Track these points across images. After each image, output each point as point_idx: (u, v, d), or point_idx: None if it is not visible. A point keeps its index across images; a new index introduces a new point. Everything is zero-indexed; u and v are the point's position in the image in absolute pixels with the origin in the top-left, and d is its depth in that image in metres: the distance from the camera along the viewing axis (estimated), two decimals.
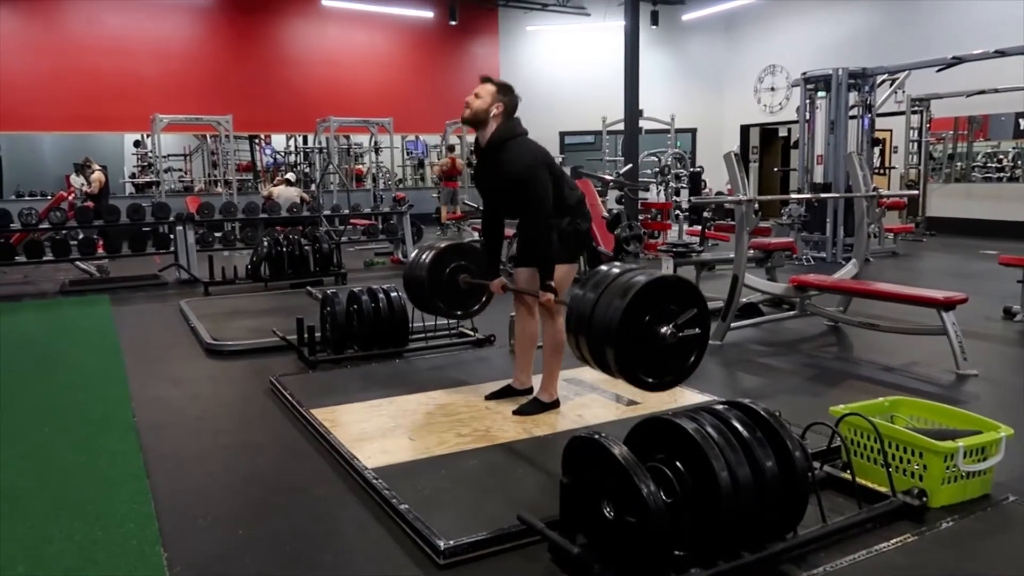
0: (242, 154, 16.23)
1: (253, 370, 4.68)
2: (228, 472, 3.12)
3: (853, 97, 9.36)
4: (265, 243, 7.81)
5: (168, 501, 2.80)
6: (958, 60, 8.18)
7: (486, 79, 3.49)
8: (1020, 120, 12.42)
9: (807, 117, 9.63)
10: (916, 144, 12.19)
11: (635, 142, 10.45)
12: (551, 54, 16.79)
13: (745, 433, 2.25)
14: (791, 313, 5.43)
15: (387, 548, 2.43)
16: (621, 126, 13.24)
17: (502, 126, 3.42)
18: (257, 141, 16.69)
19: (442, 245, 4.18)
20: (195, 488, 2.96)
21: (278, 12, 14.82)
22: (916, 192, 6.50)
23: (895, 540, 2.35)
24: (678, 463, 2.21)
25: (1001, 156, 12.98)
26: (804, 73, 9.60)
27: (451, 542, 2.32)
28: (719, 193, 15.10)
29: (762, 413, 2.35)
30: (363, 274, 9.00)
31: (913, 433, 2.66)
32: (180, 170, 16.62)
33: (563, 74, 16.66)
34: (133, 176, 15.77)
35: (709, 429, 2.22)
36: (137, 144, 15.91)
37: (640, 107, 10.56)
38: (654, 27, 16.05)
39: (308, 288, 7.48)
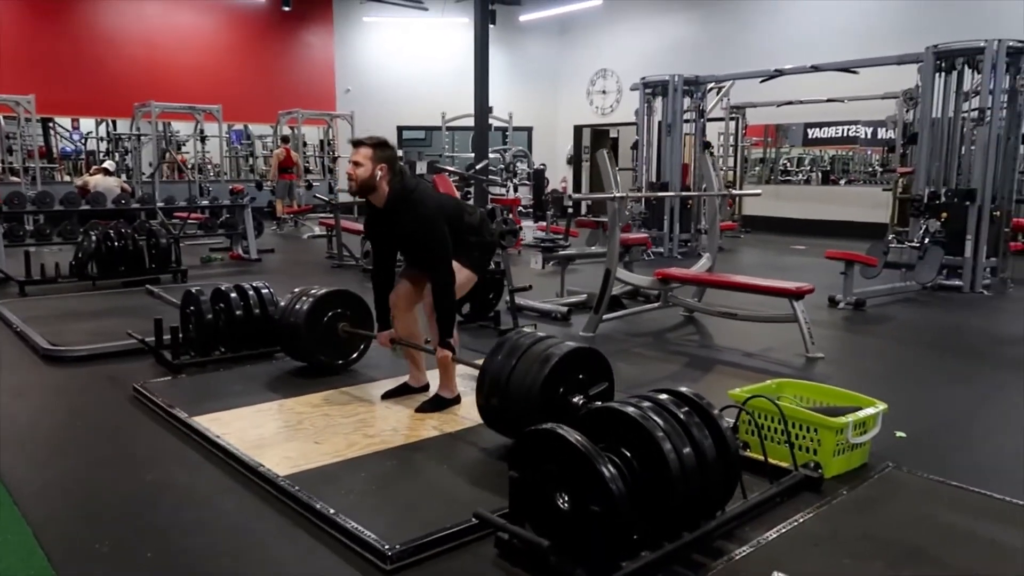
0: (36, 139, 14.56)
1: (104, 377, 4.24)
2: (112, 490, 2.80)
3: (686, 102, 10.01)
4: (93, 237, 7.08)
5: (49, 529, 2.47)
6: (779, 72, 8.99)
7: (357, 142, 3.40)
8: (808, 130, 14.00)
9: (646, 120, 10.17)
10: (732, 148, 13.26)
11: (485, 139, 10.56)
12: (389, 46, 16.54)
13: (684, 417, 2.35)
14: (655, 305, 5.73)
15: (323, 558, 2.29)
16: (461, 122, 13.33)
17: (394, 187, 3.37)
18: (52, 125, 14.94)
19: (320, 292, 4.14)
20: (77, 512, 2.64)
21: None
22: (759, 192, 7.08)
23: (808, 510, 2.55)
24: (623, 450, 2.27)
25: (801, 160, 14.53)
26: (643, 78, 10.13)
27: (397, 546, 2.23)
28: (554, 191, 15.62)
29: (693, 398, 2.47)
30: (202, 271, 8.40)
31: (810, 411, 2.91)
32: None
33: (401, 67, 16.48)
34: None
35: (653, 415, 2.30)
36: None
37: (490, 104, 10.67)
38: (492, 26, 16.23)
39: (148, 287, 6.87)
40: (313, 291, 4.13)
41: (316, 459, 2.95)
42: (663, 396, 2.46)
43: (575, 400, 2.76)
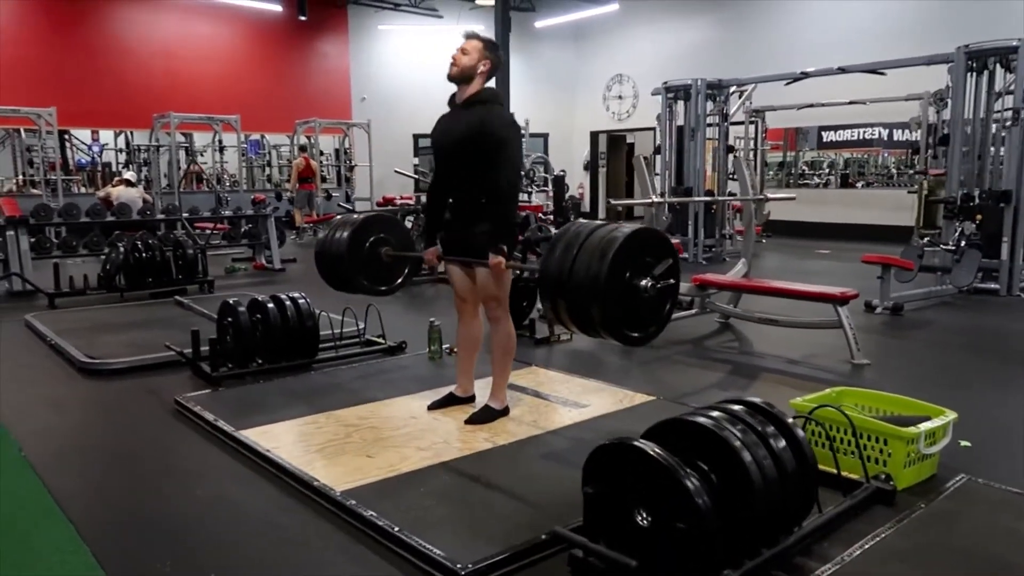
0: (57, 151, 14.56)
1: (144, 390, 4.20)
2: (165, 506, 2.75)
3: (709, 106, 9.93)
4: (121, 249, 7.06)
5: (107, 548, 2.42)
6: (805, 75, 8.91)
7: (472, 35, 3.38)
8: (822, 133, 13.90)
9: (668, 124, 10.09)
10: (753, 152, 13.17)
11: None
12: (404, 54, 16.52)
13: (760, 428, 2.27)
14: (691, 312, 5.64)
15: None
16: None
17: (487, 88, 3.35)
18: (67, 137, 14.91)
19: (359, 218, 3.90)
20: (133, 529, 2.58)
21: None
22: (794, 196, 7.02)
23: (888, 525, 2.46)
24: (699, 463, 2.19)
25: (819, 164, 14.45)
26: (665, 82, 10.06)
27: (470, 565, 2.17)
28: (571, 197, 15.56)
29: (766, 407, 2.40)
30: (226, 281, 8.38)
31: (880, 421, 2.83)
32: None
33: (416, 75, 16.41)
34: None
35: (730, 427, 2.23)
36: None
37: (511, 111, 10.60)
38: (508, 33, 16.23)
39: (177, 298, 6.84)
40: (352, 219, 3.91)
41: (371, 473, 2.88)
42: (735, 406, 2.39)
43: (643, 283, 2.62)
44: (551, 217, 11.64)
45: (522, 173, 11.25)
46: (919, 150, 11.12)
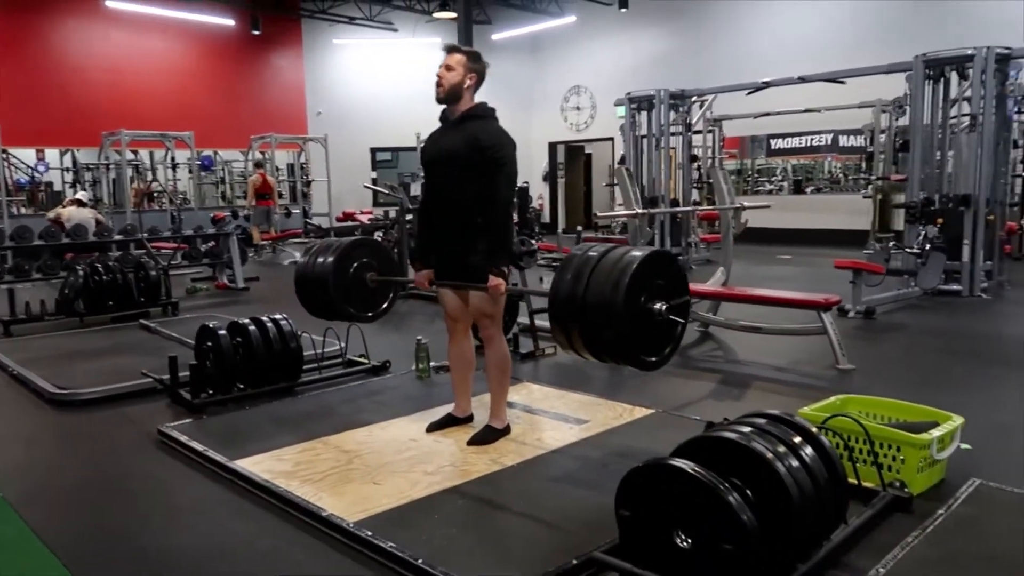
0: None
1: (121, 420, 4.01)
2: (166, 544, 2.60)
3: (672, 116, 10.04)
4: (80, 272, 6.78)
5: None
6: (767, 84, 9.06)
7: (452, 47, 3.28)
8: (771, 141, 14.20)
9: (633, 135, 10.16)
10: (711, 161, 13.36)
11: None
12: (360, 68, 16.39)
13: (790, 440, 2.25)
14: None
15: None
16: None
17: (481, 104, 3.29)
18: (5, 156, 14.29)
19: (343, 243, 3.77)
20: (136, 571, 2.44)
21: (50, 12, 13.02)
22: (769, 205, 7.10)
23: (915, 533, 2.45)
24: (735, 479, 2.16)
25: (772, 171, 14.74)
26: (628, 93, 10.13)
27: None
28: (532, 208, 15.57)
29: (791, 419, 2.38)
30: (190, 302, 8.11)
31: (893, 429, 2.84)
32: None
33: (372, 89, 16.32)
34: None
35: (760, 440, 2.20)
36: None
37: None
38: (470, 45, 16.20)
39: (142, 321, 6.59)
40: (335, 244, 3.77)
41: (381, 502, 2.78)
42: (760, 420, 2.36)
43: (656, 307, 2.58)
44: (517, 228, 11.63)
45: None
46: (871, 156, 11.39)
